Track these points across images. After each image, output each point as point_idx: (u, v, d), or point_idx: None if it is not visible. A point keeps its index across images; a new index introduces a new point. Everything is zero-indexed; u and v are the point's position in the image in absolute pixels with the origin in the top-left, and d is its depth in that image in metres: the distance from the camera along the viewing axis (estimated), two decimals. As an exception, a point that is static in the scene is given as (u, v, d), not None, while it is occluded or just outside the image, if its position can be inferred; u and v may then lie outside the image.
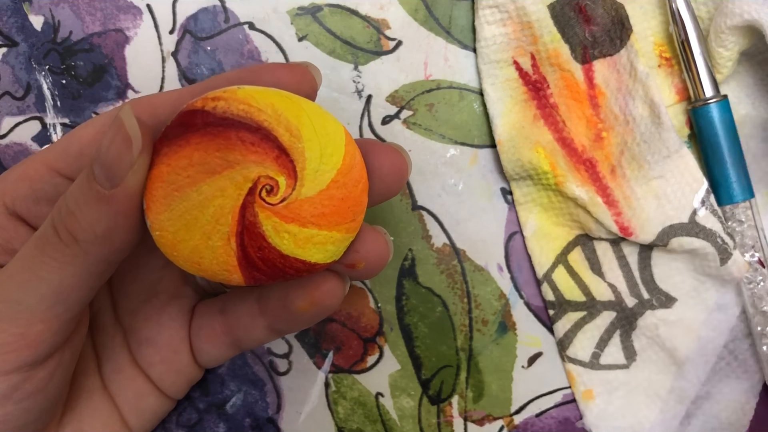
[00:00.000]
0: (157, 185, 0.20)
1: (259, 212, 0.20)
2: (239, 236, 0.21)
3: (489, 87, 0.29)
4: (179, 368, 0.26)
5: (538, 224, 0.30)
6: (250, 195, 0.20)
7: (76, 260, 0.20)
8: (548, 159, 0.28)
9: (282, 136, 0.20)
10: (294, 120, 0.20)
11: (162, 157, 0.20)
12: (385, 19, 0.30)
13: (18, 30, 0.30)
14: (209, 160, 0.20)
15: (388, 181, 0.23)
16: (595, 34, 0.28)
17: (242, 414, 0.31)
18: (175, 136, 0.20)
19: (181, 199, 0.20)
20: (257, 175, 0.20)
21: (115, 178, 0.19)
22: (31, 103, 0.30)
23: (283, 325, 0.25)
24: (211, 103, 0.20)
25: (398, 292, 0.30)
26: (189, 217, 0.20)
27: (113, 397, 0.26)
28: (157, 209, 0.20)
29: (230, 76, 0.23)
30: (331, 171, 0.21)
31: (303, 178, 0.20)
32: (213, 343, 0.26)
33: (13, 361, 0.20)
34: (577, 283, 0.29)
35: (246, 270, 0.21)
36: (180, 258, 0.21)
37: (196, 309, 0.27)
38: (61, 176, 0.23)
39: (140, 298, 0.26)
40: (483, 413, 0.30)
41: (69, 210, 0.20)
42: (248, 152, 0.20)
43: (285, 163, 0.20)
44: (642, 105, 0.27)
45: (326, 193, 0.21)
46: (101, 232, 0.20)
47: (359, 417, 0.30)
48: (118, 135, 0.19)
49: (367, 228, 0.23)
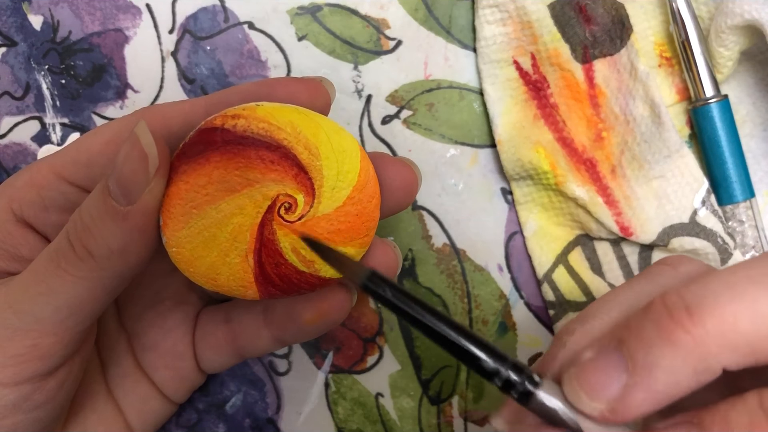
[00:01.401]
0: (175, 202, 0.20)
1: (278, 230, 0.21)
2: (257, 253, 0.21)
3: (489, 87, 0.29)
4: (183, 374, 0.26)
5: (538, 224, 0.30)
6: (269, 213, 0.20)
7: (90, 275, 0.20)
8: (548, 159, 0.28)
9: (301, 154, 0.20)
10: (312, 138, 0.20)
11: (180, 174, 0.20)
12: (385, 19, 0.30)
13: (17, 30, 0.30)
14: (229, 178, 0.20)
15: (399, 195, 0.23)
16: (595, 34, 0.28)
17: (242, 414, 0.31)
18: (194, 154, 0.20)
19: (200, 217, 0.20)
20: (276, 193, 0.20)
21: (131, 195, 0.19)
22: (30, 103, 0.30)
23: (289, 336, 0.25)
24: (231, 121, 0.20)
25: (398, 292, 0.30)
26: (207, 234, 0.20)
27: (117, 401, 0.26)
28: (175, 226, 0.20)
29: (244, 89, 0.23)
30: (347, 188, 0.21)
31: (320, 196, 0.21)
32: (216, 350, 0.26)
33: (25, 372, 0.20)
34: (577, 283, 0.29)
35: (262, 286, 0.21)
36: (196, 274, 0.21)
37: (200, 316, 0.27)
38: (70, 184, 0.23)
39: (145, 303, 0.26)
40: (483, 413, 0.30)
41: (84, 224, 0.20)
42: (268, 171, 0.20)
43: (303, 181, 0.20)
44: (642, 105, 0.27)
45: (342, 210, 0.21)
46: (116, 247, 0.20)
47: (359, 417, 0.30)
48: (134, 151, 0.19)
49: (377, 241, 0.23)
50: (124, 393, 0.26)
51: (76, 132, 0.30)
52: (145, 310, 0.26)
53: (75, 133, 0.30)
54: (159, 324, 0.26)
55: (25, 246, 0.23)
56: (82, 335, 0.22)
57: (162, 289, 0.27)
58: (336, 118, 0.30)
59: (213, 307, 0.27)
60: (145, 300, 0.26)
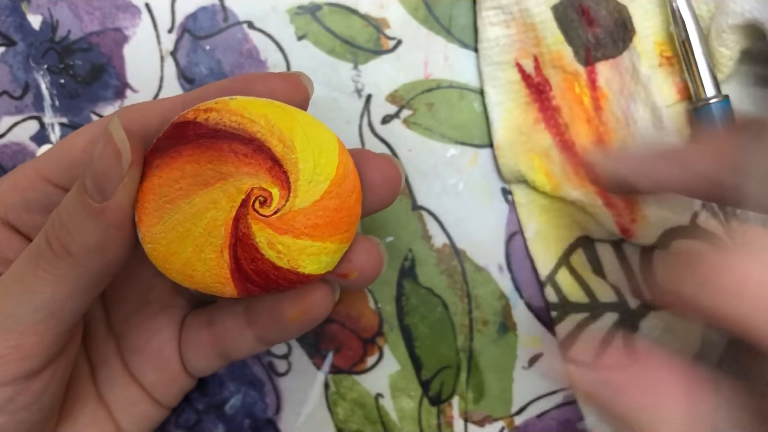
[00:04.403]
0: (148, 198, 0.20)
1: (253, 224, 0.20)
2: (232, 248, 0.20)
3: (490, 89, 0.29)
4: (171, 377, 0.26)
5: (539, 226, 0.30)
6: (243, 207, 0.20)
7: (69, 273, 0.20)
8: (543, 168, 0.28)
9: (275, 147, 0.20)
10: (287, 131, 0.20)
11: (154, 169, 0.20)
12: (384, 18, 0.29)
13: (16, 29, 0.30)
14: (202, 172, 0.20)
15: (381, 191, 0.23)
16: (598, 36, 0.28)
17: (241, 415, 0.31)
18: (166, 148, 0.20)
19: (173, 212, 0.20)
20: (250, 186, 0.20)
21: (106, 191, 0.19)
22: (29, 103, 0.30)
23: (272, 335, 0.25)
24: (203, 114, 0.20)
25: (398, 292, 0.30)
26: (181, 230, 0.20)
27: (107, 405, 0.26)
28: (149, 222, 0.20)
29: (221, 85, 0.23)
30: (324, 181, 0.21)
31: (297, 189, 0.20)
32: (201, 354, 0.26)
33: (8, 374, 0.20)
34: (580, 284, 0.29)
35: (239, 282, 0.21)
36: (172, 271, 0.21)
37: (186, 320, 0.27)
38: (53, 185, 0.23)
39: (132, 306, 0.26)
40: (483, 414, 0.30)
41: (62, 222, 0.20)
42: (241, 164, 0.20)
43: (278, 175, 0.20)
44: (643, 107, 0.27)
45: (320, 204, 0.20)
46: (94, 245, 0.20)
47: (359, 418, 0.30)
48: (107, 148, 0.19)
49: (361, 238, 0.23)
50: (114, 396, 0.26)
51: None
52: (132, 313, 0.26)
53: (74, 133, 0.30)
54: (146, 327, 0.26)
55: (10, 248, 0.23)
56: (65, 335, 0.21)
57: (148, 291, 0.26)
58: (336, 117, 0.30)
59: (198, 311, 0.27)
60: (132, 303, 0.26)
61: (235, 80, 0.23)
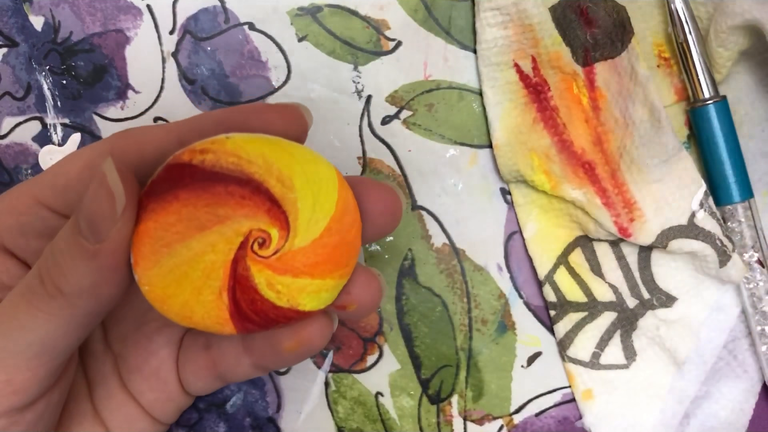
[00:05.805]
0: (144, 241, 0.19)
1: (251, 266, 0.20)
2: (231, 291, 0.20)
3: (489, 90, 0.29)
4: (168, 396, 0.26)
5: (538, 226, 0.30)
6: (242, 249, 0.20)
7: (61, 312, 0.19)
8: (542, 167, 0.29)
9: (273, 187, 0.20)
10: (285, 170, 0.20)
11: (149, 213, 0.19)
12: (384, 20, 0.30)
13: (18, 30, 0.30)
14: (198, 215, 0.19)
15: (382, 221, 0.22)
16: (596, 37, 0.28)
17: (242, 413, 0.31)
18: (162, 191, 0.19)
19: (170, 255, 0.20)
20: (248, 228, 0.20)
21: (99, 233, 0.19)
22: (31, 104, 0.30)
23: (269, 363, 0.24)
24: (198, 156, 0.19)
25: (398, 291, 0.30)
26: (179, 273, 0.20)
27: (104, 422, 0.25)
28: (146, 265, 0.20)
29: (217, 116, 0.22)
30: (324, 219, 0.20)
31: (296, 229, 0.20)
32: (199, 375, 0.26)
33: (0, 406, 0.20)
34: (578, 284, 0.29)
35: (238, 322, 0.21)
36: (170, 312, 0.20)
37: (184, 339, 0.26)
38: (48, 209, 0.22)
39: (131, 324, 0.26)
40: (482, 413, 0.30)
41: (55, 261, 0.19)
42: (239, 206, 0.19)
43: (277, 215, 0.20)
44: (642, 108, 0.27)
45: (319, 242, 0.20)
46: (87, 285, 0.19)
47: (359, 416, 0.30)
48: (101, 189, 0.18)
49: (361, 269, 0.22)
50: (110, 414, 0.25)
51: (77, 132, 0.30)
52: (131, 331, 0.26)
53: (76, 133, 0.30)
54: (143, 346, 0.26)
55: (5, 272, 0.23)
56: (58, 369, 0.21)
57: (147, 310, 0.26)
58: (336, 118, 0.30)
59: (196, 332, 0.26)
60: (131, 321, 0.26)
61: (230, 112, 0.22)
